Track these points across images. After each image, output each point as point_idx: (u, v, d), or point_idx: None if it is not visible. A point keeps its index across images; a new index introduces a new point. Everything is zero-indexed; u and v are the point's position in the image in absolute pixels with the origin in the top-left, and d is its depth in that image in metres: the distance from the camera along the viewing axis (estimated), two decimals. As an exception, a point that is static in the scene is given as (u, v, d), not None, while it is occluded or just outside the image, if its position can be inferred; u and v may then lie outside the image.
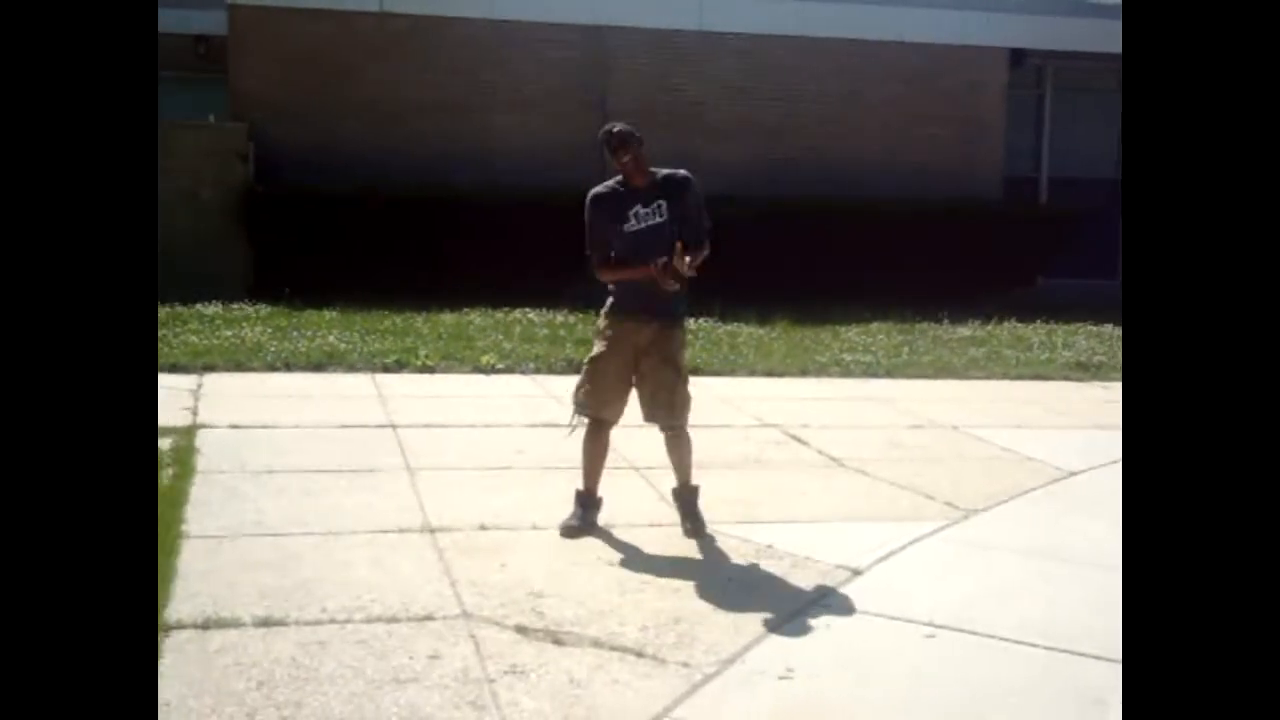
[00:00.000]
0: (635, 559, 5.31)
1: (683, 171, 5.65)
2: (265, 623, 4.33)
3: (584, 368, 5.81)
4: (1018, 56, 17.47)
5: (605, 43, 16.14)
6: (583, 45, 16.09)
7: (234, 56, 15.55)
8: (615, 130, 5.52)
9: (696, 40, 16.31)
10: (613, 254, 5.57)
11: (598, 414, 5.72)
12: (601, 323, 5.71)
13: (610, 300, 5.69)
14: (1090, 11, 17.22)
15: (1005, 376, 11.05)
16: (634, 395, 5.73)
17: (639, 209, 5.50)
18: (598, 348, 5.68)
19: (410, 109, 15.69)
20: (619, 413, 5.75)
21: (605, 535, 5.64)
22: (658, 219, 5.49)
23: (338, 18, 15.61)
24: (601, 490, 5.79)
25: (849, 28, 16.76)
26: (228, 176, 14.52)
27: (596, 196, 5.62)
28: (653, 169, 5.59)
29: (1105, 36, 17.03)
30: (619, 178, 5.60)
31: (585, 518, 5.73)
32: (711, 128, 15.96)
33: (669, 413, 5.67)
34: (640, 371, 5.61)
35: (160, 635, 4.16)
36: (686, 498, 5.83)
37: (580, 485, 5.81)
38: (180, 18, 17.97)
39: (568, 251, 5.68)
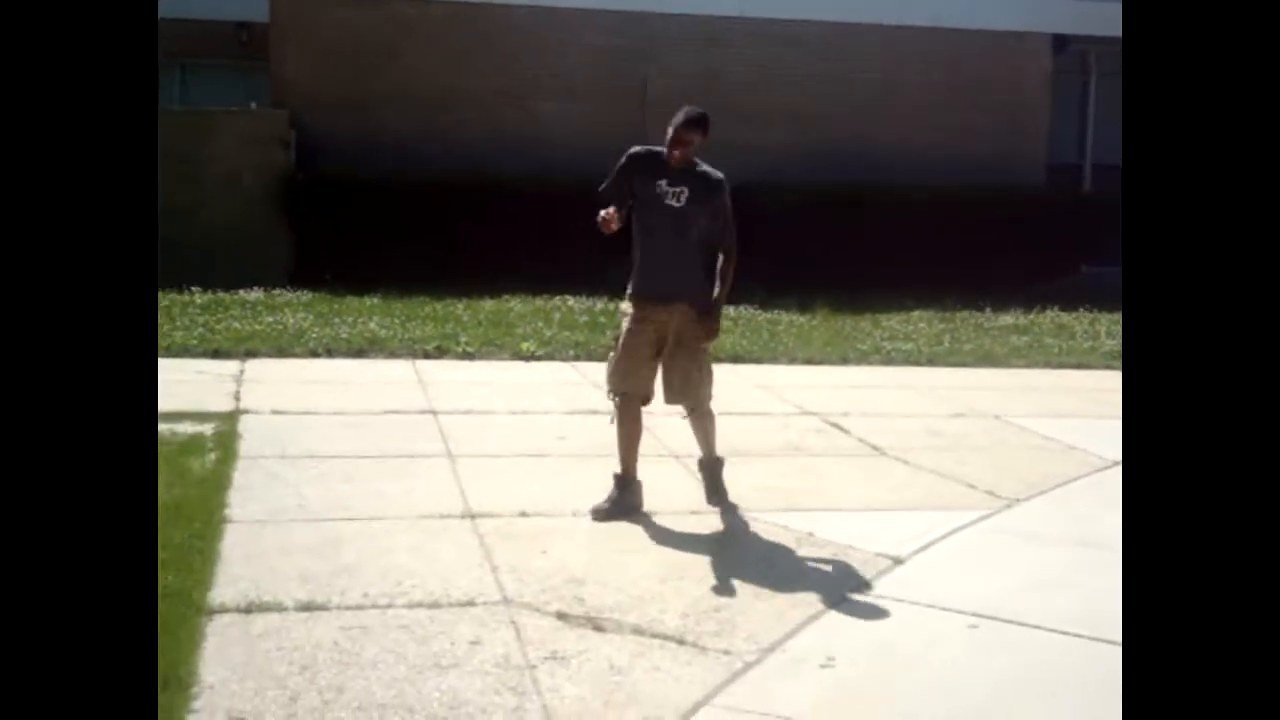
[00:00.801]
0: (675, 546, 5.31)
1: (718, 174, 5.66)
2: (307, 607, 4.36)
3: (611, 348, 5.89)
4: (1061, 42, 17.29)
5: (647, 29, 16.09)
6: (625, 31, 16.04)
7: (276, 44, 15.61)
8: (695, 113, 5.57)
9: (738, 26, 16.23)
10: (614, 206, 5.61)
11: (622, 388, 5.74)
12: (625, 304, 5.78)
13: (631, 284, 5.77)
14: (1136, -4, 17.00)
15: (1048, 365, 10.96)
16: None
17: (663, 184, 5.58)
18: (623, 327, 5.75)
19: (452, 95, 15.70)
20: (647, 388, 5.76)
21: (645, 522, 5.63)
22: (673, 203, 5.56)
23: (379, 4, 15.64)
24: (641, 476, 5.79)
25: (890, 13, 16.64)
26: (270, 163, 14.59)
27: (635, 153, 5.74)
28: (695, 160, 5.61)
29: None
30: (658, 148, 5.67)
31: (620, 500, 5.74)
32: (752, 114, 15.87)
33: (684, 395, 5.74)
34: (665, 355, 5.67)
35: (204, 619, 4.20)
36: (711, 468, 5.93)
37: (617, 469, 5.83)
38: (222, 5, 18.10)
39: (608, 238, 5.68)
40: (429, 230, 14.06)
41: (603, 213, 5.52)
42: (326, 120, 15.16)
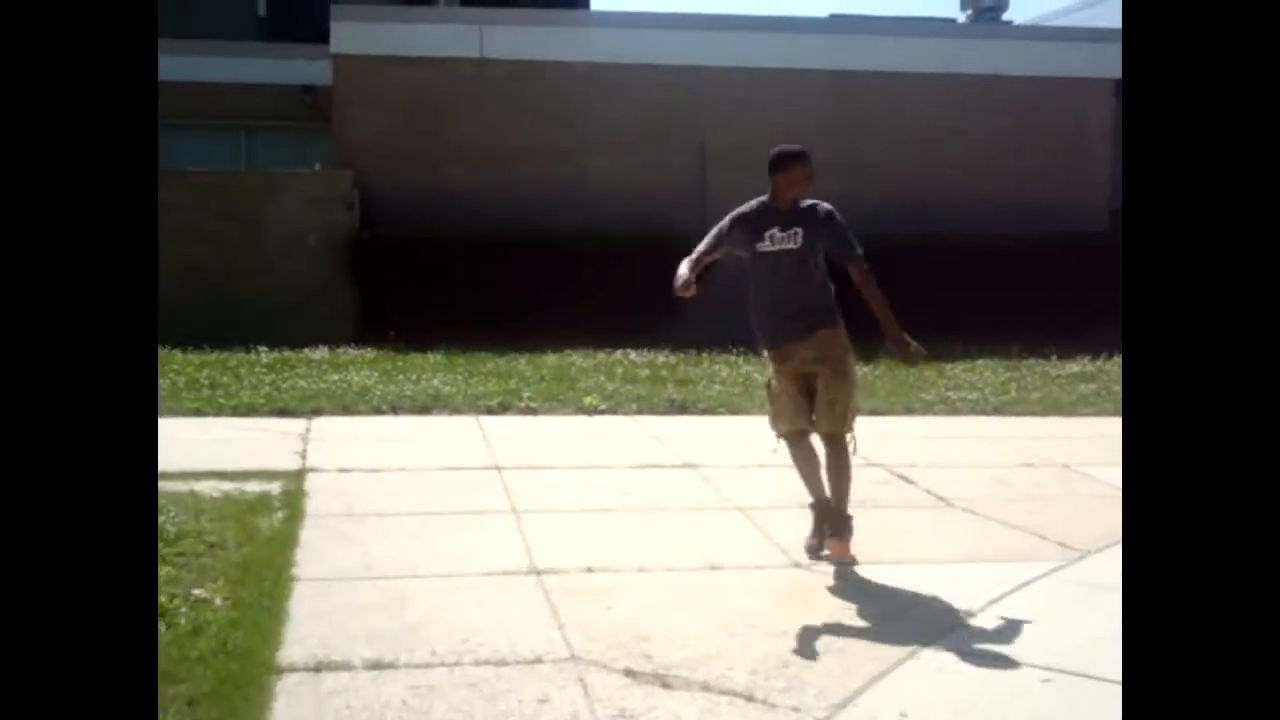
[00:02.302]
0: (743, 600, 5.25)
1: (827, 205, 5.75)
2: (376, 665, 4.35)
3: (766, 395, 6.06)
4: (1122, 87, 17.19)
5: (702, 82, 16.19)
6: (680, 85, 16.16)
7: (339, 106, 15.89)
8: (795, 149, 5.75)
9: (794, 78, 16.30)
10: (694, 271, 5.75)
11: (781, 430, 5.88)
12: (765, 352, 5.92)
13: (760, 335, 5.88)
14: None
15: (1116, 413, 10.77)
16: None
17: (775, 231, 5.66)
18: (769, 372, 5.93)
19: (510, 153, 15.87)
20: (805, 424, 5.81)
21: (711, 576, 5.59)
22: (791, 245, 5.63)
23: (439, 65, 15.88)
24: (704, 531, 5.77)
25: (949, 62, 16.66)
26: (334, 223, 14.80)
27: (740, 214, 5.83)
28: (805, 200, 5.70)
29: (1213, 65, 16.71)
30: (763, 199, 5.74)
31: (820, 530, 5.86)
32: (814, 165, 15.88)
33: (829, 421, 5.73)
34: (815, 386, 5.71)
35: (273, 677, 4.20)
36: (839, 525, 5.80)
37: (809, 500, 5.93)
38: (288, 68, 18.49)
39: (668, 292, 5.71)
40: (489, 286, 14.20)
41: (680, 278, 5.60)
42: (388, 180, 15.39)
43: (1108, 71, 17.01)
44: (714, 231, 5.87)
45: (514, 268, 14.30)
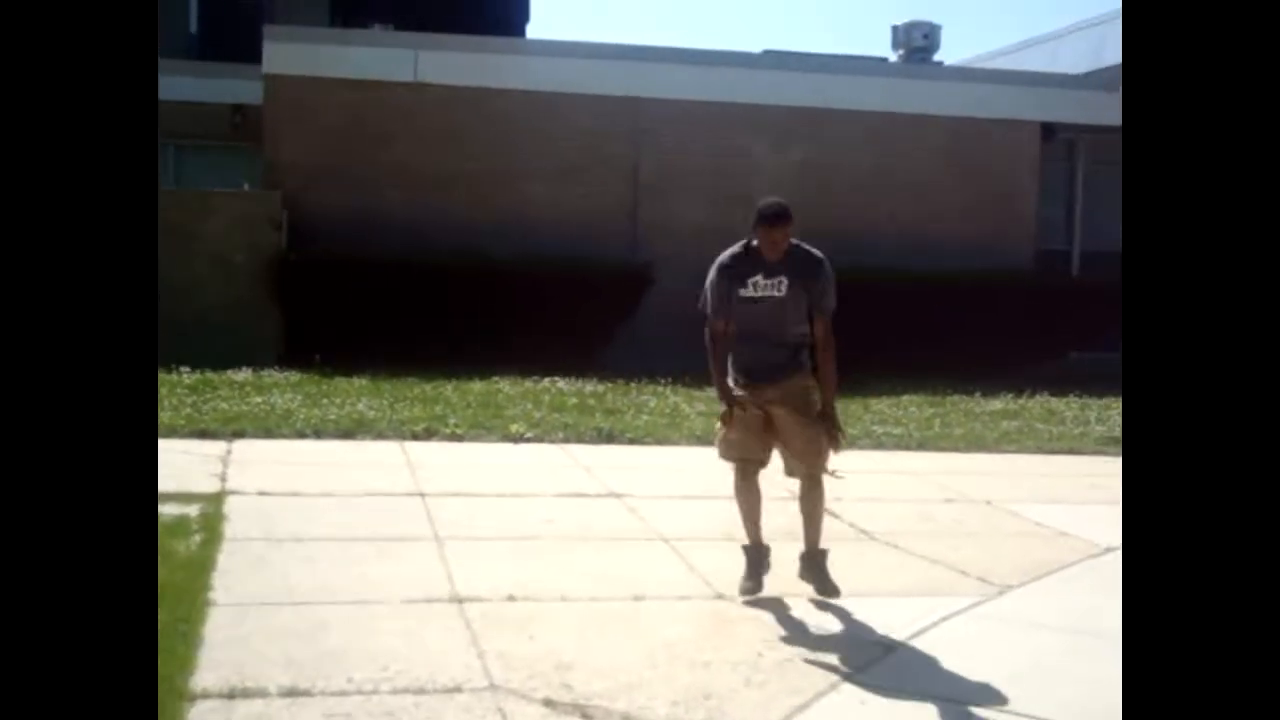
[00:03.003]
0: (665, 631, 5.23)
1: (818, 253, 5.68)
2: (291, 693, 4.28)
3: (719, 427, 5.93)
4: (1049, 130, 17.49)
5: (639, 113, 16.24)
6: (617, 116, 16.20)
7: (270, 125, 15.73)
8: (776, 209, 5.54)
9: (730, 111, 16.38)
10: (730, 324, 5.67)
11: (734, 455, 5.82)
12: (730, 381, 5.79)
13: (733, 376, 5.76)
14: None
15: (1038, 450, 10.93)
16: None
17: (759, 279, 5.58)
18: (724, 405, 5.81)
19: (445, 178, 15.80)
20: (761, 454, 5.80)
21: (635, 606, 5.57)
22: (775, 293, 5.57)
23: (373, 87, 15.77)
24: (629, 561, 5.73)
25: (881, 100, 16.84)
26: (261, 243, 14.64)
27: (723, 265, 5.71)
28: (792, 242, 5.61)
29: (1137, 111, 17.04)
30: (746, 243, 5.65)
31: (754, 573, 5.77)
32: (742, 197, 15.92)
33: (805, 456, 5.70)
34: (775, 426, 5.67)
35: (186, 704, 4.11)
36: (816, 561, 5.78)
37: (745, 539, 5.86)
38: (218, 87, 18.30)
39: (600, 321, 5.70)
40: (418, 312, 14.08)
41: (723, 411, 5.71)
42: (318, 201, 15.25)
43: (1035, 114, 17.31)
44: (712, 292, 5.71)
45: (444, 292, 14.19)
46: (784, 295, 5.57)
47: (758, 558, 5.84)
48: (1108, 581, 6.42)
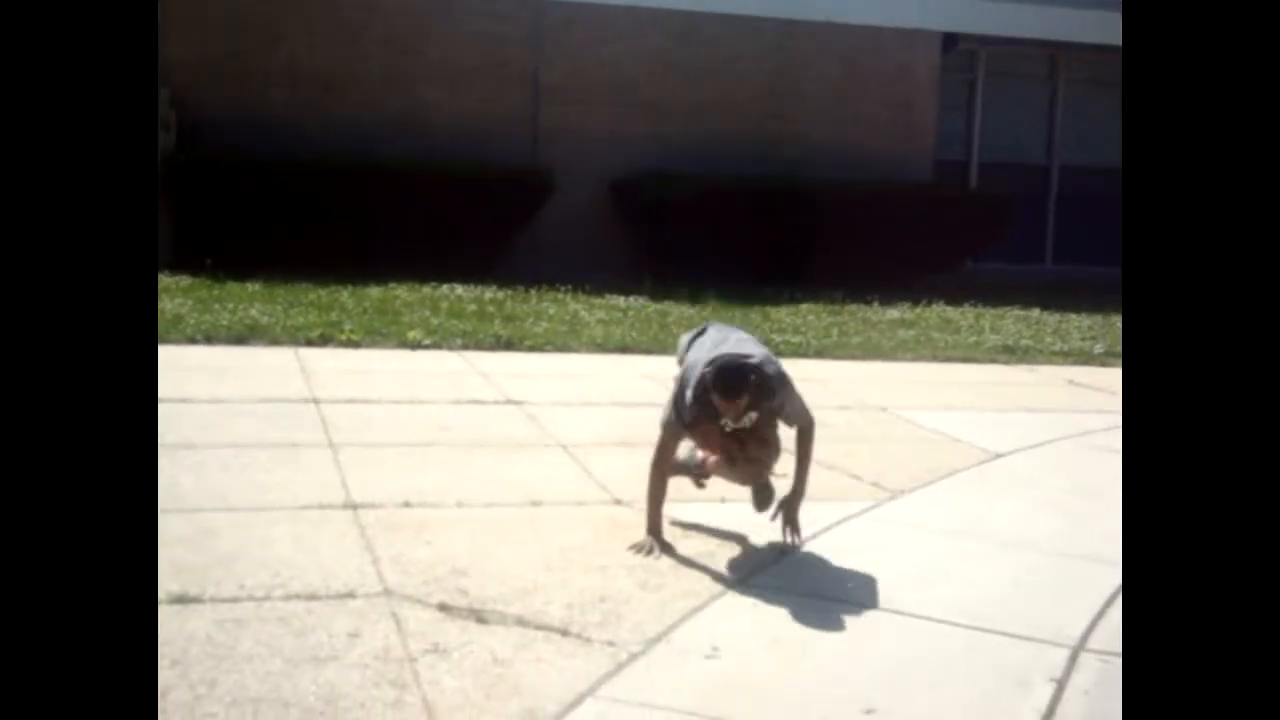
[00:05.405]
0: (562, 536, 5.23)
1: (775, 375, 5.14)
2: (180, 599, 4.21)
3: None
4: (950, 40, 17.55)
5: (539, 16, 15.99)
6: (516, 18, 15.93)
7: (157, 21, 15.21)
8: (730, 379, 4.92)
9: (630, 16, 16.18)
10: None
11: (679, 459, 5.48)
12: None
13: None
14: (1023, -3, 17.35)
15: (934, 359, 11.10)
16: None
17: (727, 422, 5.03)
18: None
19: (340, 78, 15.46)
20: (689, 469, 5.55)
21: (531, 512, 5.56)
22: (745, 424, 5.07)
23: (266, -16, 15.32)
24: (526, 467, 5.68)
25: (782, 7, 16.74)
26: (150, 144, 14.21)
27: (689, 421, 5.16)
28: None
29: (1037, 22, 17.18)
30: (703, 394, 5.01)
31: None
32: (646, 105, 15.87)
33: (756, 477, 5.39)
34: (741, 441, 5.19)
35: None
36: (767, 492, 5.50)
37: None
38: (102, -19, 17.56)
39: (499, 226, 5.59)
40: (313, 215, 13.80)
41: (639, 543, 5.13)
42: (209, 100, 14.83)
43: (935, 24, 17.35)
44: (672, 418, 5.23)
45: (340, 196, 13.90)
46: (752, 426, 5.10)
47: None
48: (997, 487, 6.57)
